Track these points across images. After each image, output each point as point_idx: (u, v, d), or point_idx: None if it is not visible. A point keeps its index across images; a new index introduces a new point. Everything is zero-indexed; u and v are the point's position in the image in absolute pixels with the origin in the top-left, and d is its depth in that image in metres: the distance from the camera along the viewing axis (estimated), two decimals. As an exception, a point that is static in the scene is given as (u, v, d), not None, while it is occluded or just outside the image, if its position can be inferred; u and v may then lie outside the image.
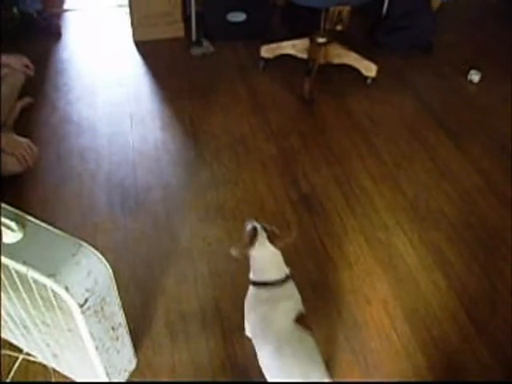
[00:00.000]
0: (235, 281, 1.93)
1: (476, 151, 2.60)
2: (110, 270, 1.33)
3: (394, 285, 1.97)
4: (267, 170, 2.43)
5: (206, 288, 1.93)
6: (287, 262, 1.57)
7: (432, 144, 2.64)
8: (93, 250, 1.29)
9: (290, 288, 1.55)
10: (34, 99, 2.72)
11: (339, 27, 2.75)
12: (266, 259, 1.54)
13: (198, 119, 2.69)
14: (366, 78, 2.97)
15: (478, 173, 2.48)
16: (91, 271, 1.28)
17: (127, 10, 3.25)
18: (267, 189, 2.32)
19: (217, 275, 1.98)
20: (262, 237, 1.52)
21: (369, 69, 2.93)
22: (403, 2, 3.42)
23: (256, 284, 1.55)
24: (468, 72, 3.12)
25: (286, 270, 1.55)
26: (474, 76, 3.10)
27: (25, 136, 2.32)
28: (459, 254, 2.10)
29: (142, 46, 3.29)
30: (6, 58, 2.53)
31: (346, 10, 2.68)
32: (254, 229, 1.53)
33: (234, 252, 1.51)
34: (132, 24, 3.28)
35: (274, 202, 2.27)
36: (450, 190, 2.38)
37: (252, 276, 1.57)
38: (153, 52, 3.23)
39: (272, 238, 1.52)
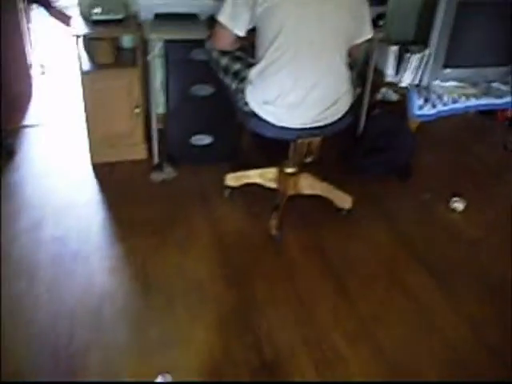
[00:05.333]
0: None
1: (462, 293, 2.35)
2: None
3: None
4: (226, 326, 2.10)
5: None
6: None
7: (412, 287, 2.37)
8: None
9: None
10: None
11: (309, 159, 2.54)
12: None
13: (151, 260, 2.39)
14: (339, 209, 2.73)
15: (465, 320, 2.21)
16: None
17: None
18: (224, 352, 1.99)
19: None
20: None
21: (343, 200, 2.69)
22: (380, 122, 3.28)
23: None
24: (450, 199, 2.92)
25: None
26: (457, 204, 2.90)
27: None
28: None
29: (99, 168, 3.03)
30: None
31: (316, 140, 2.48)
32: None
33: None
34: (89, 145, 3.03)
35: (232, 369, 1.93)
36: (436, 345, 2.09)
37: None
38: (110, 176, 2.98)
39: None
